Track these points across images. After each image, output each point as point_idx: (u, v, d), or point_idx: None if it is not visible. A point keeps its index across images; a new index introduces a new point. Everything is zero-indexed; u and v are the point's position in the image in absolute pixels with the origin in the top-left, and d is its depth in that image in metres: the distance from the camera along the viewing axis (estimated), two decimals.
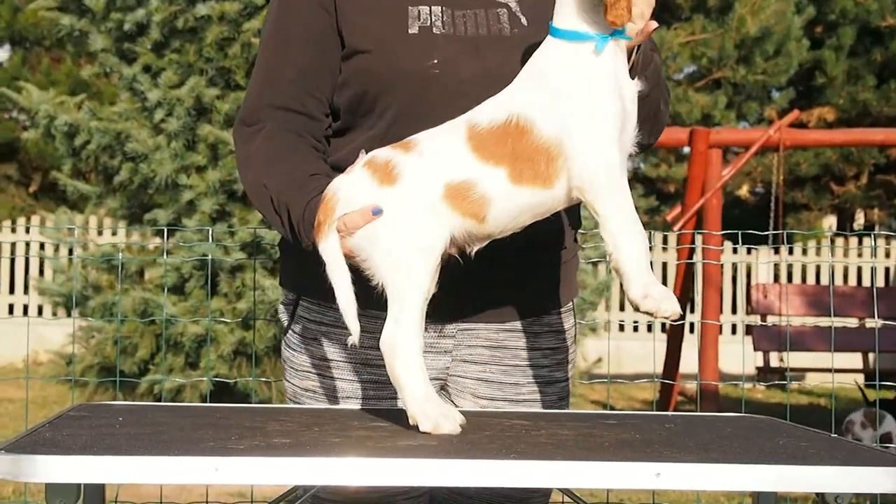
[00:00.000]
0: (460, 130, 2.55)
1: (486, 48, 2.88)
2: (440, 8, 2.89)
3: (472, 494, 3.04)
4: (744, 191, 20.56)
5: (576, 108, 2.48)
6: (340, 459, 2.06)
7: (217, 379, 7.98)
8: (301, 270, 2.96)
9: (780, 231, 6.96)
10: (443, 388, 3.11)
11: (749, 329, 12.75)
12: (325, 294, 2.61)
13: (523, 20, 2.93)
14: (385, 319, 2.52)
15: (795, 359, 13.62)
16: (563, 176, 2.50)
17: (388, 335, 2.50)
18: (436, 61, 2.84)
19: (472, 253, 2.63)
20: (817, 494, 2.36)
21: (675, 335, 11.37)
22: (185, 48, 9.27)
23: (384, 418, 2.60)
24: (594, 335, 16.46)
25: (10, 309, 16.40)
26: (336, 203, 2.56)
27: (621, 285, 2.50)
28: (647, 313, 2.44)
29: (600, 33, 2.53)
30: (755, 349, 12.20)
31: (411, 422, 2.45)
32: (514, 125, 2.51)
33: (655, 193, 19.02)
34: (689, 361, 11.27)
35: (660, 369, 11.92)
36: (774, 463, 2.20)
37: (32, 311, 15.83)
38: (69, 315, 10.44)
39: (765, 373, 12.32)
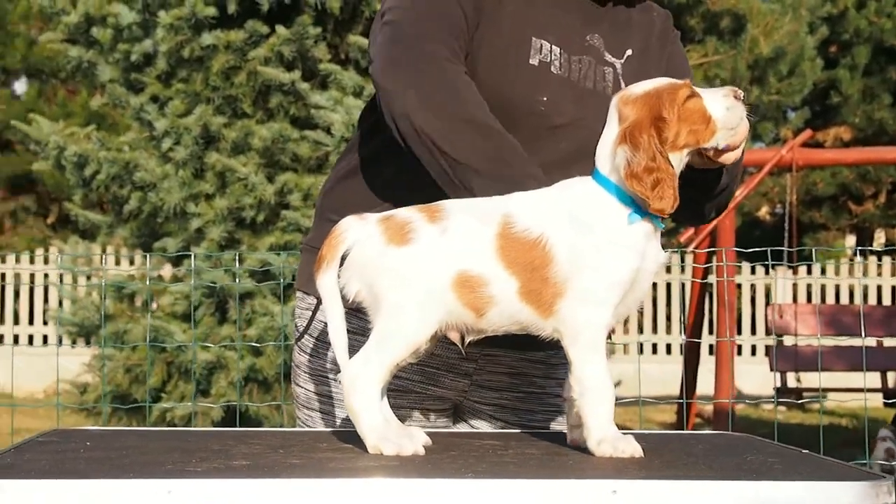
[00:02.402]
0: (494, 223, 2.53)
1: (588, 100, 2.89)
2: (559, 49, 2.90)
3: None
4: (763, 212, 20.54)
5: (593, 263, 2.50)
6: (289, 480, 2.07)
7: (228, 403, 8.02)
8: None
9: (794, 249, 6.96)
10: (456, 409, 3.12)
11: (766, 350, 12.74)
12: None
13: (623, 84, 2.94)
14: None
15: (815, 379, 13.58)
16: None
17: (352, 370, 2.51)
18: (545, 98, 2.85)
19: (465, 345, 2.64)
20: None
21: (690, 357, 11.34)
22: (192, 77, 9.32)
23: (356, 441, 2.59)
24: (613, 357, 16.44)
25: (31, 340, 16.47)
26: (341, 243, 2.55)
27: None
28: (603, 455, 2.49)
29: (637, 202, 2.54)
30: (771, 370, 12.17)
31: (373, 451, 2.46)
32: (542, 247, 2.51)
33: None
34: (709, 382, 11.23)
35: (676, 391, 11.91)
36: (733, 479, 2.19)
37: (52, 341, 15.88)
38: (88, 344, 10.48)
39: (781, 393, 12.26)
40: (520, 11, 2.90)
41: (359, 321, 2.67)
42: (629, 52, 3.02)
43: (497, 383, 3.09)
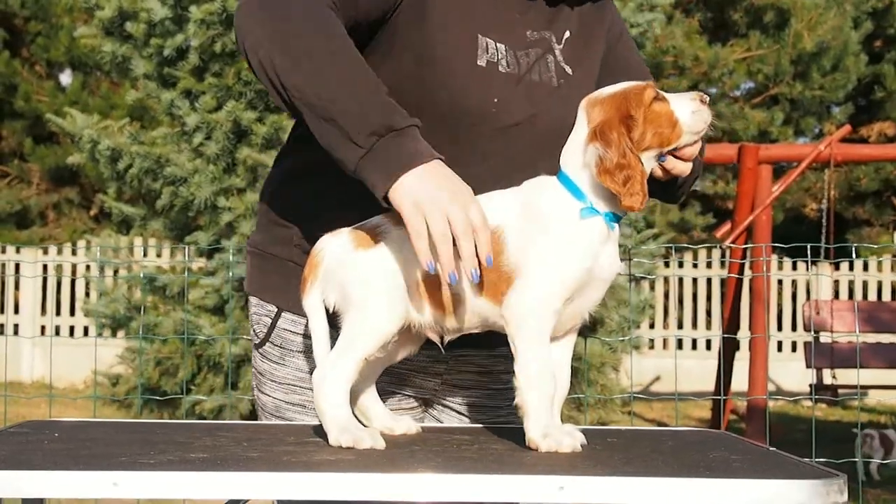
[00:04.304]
0: None
1: (536, 95, 2.85)
2: (504, 46, 2.84)
3: None
4: (808, 208, 20.40)
5: (543, 256, 2.52)
6: (236, 473, 2.10)
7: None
8: (288, 284, 2.93)
9: (831, 246, 6.93)
10: (426, 404, 3.13)
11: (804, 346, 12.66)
12: None
13: (567, 69, 2.91)
14: None
15: (852, 376, 13.48)
16: None
17: (321, 372, 2.57)
18: (496, 100, 2.78)
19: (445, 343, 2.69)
20: None
21: (726, 353, 11.30)
22: (224, 72, 9.38)
23: (325, 435, 2.61)
24: (650, 352, 16.39)
25: (71, 331, 16.62)
26: (320, 262, 2.63)
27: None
28: (547, 451, 2.50)
29: (593, 200, 2.56)
30: (807, 366, 12.10)
31: (335, 444, 2.49)
32: (496, 238, 2.54)
33: (713, 211, 18.94)
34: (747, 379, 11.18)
35: (712, 387, 11.87)
36: (683, 476, 2.20)
37: (92, 332, 16.01)
38: (126, 335, 10.56)
39: (817, 390, 12.19)
40: (456, 4, 2.81)
41: None
42: (567, 33, 2.96)
43: (467, 381, 3.09)
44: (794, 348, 16.98)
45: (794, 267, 16.98)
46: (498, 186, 2.71)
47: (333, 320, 2.64)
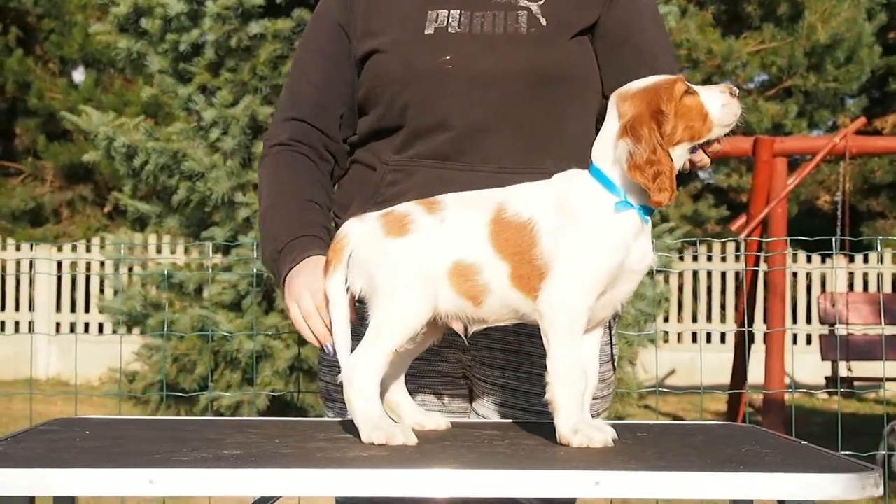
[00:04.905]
0: (488, 209, 2.59)
1: (500, 44, 2.95)
2: (459, 11, 2.99)
3: None
4: (822, 200, 20.34)
5: (574, 251, 2.52)
6: (270, 470, 2.09)
7: (273, 394, 8.07)
8: None
9: (846, 238, 6.91)
10: (471, 393, 3.13)
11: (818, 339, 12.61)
12: None
13: (543, 21, 2.98)
14: None
15: (868, 368, 13.44)
16: None
17: (351, 364, 2.56)
18: (448, 57, 2.93)
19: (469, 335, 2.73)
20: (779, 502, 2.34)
21: (740, 345, 11.26)
22: (240, 67, 9.38)
23: (356, 430, 2.60)
24: (667, 346, 16.37)
25: (87, 328, 16.62)
26: (346, 245, 2.64)
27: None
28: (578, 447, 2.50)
29: (627, 193, 2.56)
30: (823, 359, 12.06)
31: (367, 441, 2.49)
32: (529, 230, 2.55)
33: (727, 203, 18.88)
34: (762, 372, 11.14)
35: (726, 380, 11.83)
36: (717, 471, 2.19)
37: (107, 329, 15.99)
38: (141, 333, 10.54)
39: (833, 383, 12.14)
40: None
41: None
42: None
43: (497, 361, 3.08)
44: (808, 341, 16.92)
45: (809, 259, 16.92)
46: (492, 133, 2.88)
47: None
